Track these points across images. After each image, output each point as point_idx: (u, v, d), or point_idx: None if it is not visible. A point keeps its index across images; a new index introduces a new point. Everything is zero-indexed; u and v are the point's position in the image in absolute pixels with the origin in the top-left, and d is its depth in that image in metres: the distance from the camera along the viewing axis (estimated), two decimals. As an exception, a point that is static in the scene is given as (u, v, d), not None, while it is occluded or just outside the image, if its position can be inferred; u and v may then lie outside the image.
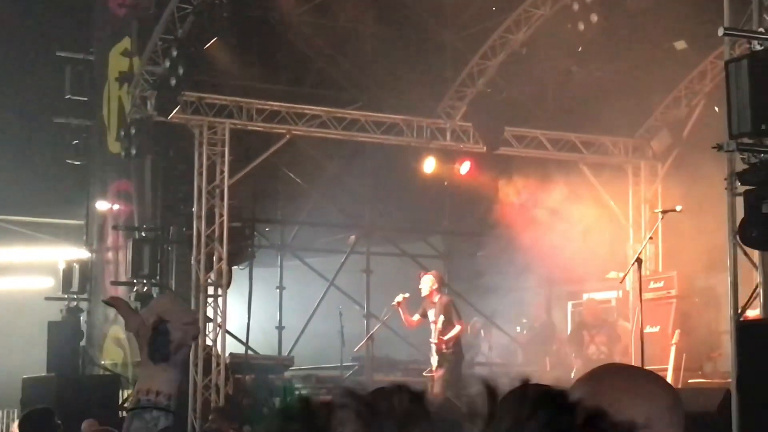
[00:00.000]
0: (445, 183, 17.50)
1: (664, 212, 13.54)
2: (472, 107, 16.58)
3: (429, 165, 16.89)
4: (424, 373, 14.64)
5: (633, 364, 12.99)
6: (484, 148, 16.59)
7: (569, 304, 19.32)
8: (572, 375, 16.89)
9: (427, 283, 14.34)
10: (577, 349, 15.93)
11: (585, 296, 18.81)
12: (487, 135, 16.51)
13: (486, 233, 18.63)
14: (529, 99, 16.83)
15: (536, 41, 15.57)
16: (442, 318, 14.18)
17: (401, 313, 14.29)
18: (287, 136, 16.17)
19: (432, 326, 14.23)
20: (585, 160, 17.52)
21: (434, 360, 14.14)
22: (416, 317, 14.32)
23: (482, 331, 19.93)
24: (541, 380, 2.12)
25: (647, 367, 12.26)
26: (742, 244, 8.86)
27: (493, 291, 17.86)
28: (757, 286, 9.28)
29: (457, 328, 14.38)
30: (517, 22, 15.51)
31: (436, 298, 14.30)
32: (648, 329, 13.45)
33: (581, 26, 14.17)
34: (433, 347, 14.17)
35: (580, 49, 14.97)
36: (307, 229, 20.20)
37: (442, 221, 20.69)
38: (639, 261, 11.86)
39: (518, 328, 19.58)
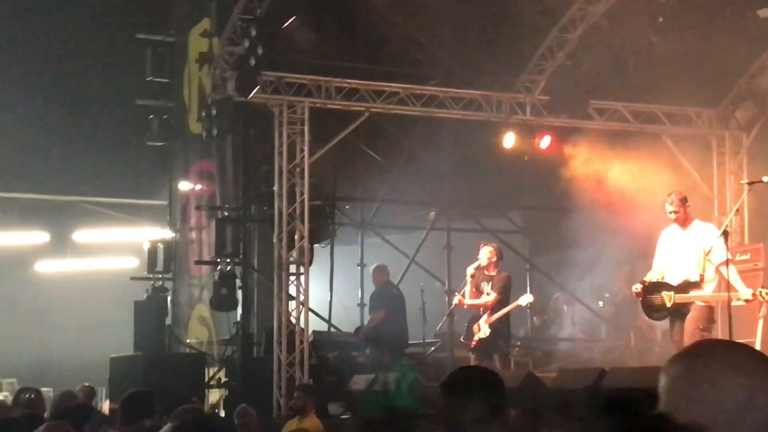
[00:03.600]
0: (525, 158, 17.38)
1: (750, 183, 13.28)
2: (552, 81, 16.43)
3: (509, 140, 16.78)
4: (462, 339, 14.57)
5: (721, 338, 12.83)
6: (566, 121, 16.44)
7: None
8: (656, 349, 16.76)
9: (486, 254, 14.28)
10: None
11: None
12: (570, 108, 16.36)
13: (567, 207, 18.46)
14: (610, 71, 16.60)
15: (616, 12, 15.36)
16: (494, 293, 14.12)
17: (469, 285, 14.27)
18: (366, 113, 16.17)
19: (484, 297, 14.20)
20: (668, 131, 17.29)
21: (485, 331, 14.08)
22: (465, 291, 14.29)
23: (565, 307, 19.83)
24: (625, 355, 2.10)
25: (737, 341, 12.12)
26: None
27: (574, 265, 17.71)
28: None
29: (514, 303, 14.30)
30: (597, -7, 15.32)
31: (493, 272, 14.23)
32: (735, 302, 13.26)
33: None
34: (484, 318, 14.13)
35: (660, 19, 14.74)
36: (387, 206, 20.21)
37: (522, 196, 20.57)
38: (726, 233, 11.66)
39: (600, 303, 19.43)
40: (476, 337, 14.20)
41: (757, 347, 11.29)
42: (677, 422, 2.03)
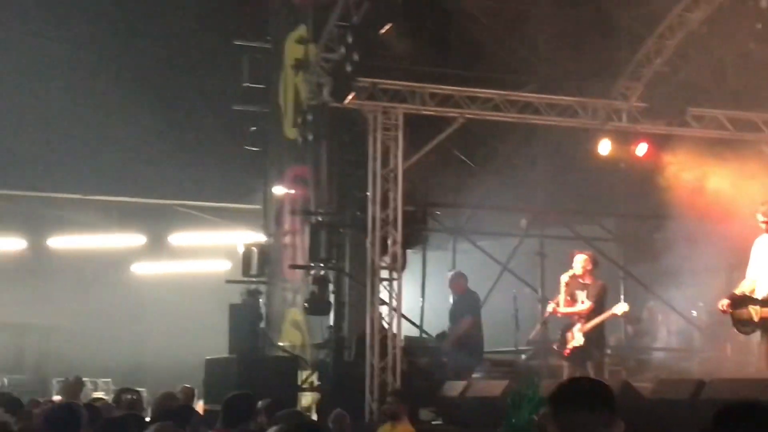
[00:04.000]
0: (621, 165, 17.22)
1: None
2: (649, 88, 16.26)
3: (604, 147, 16.64)
4: (556, 348, 14.47)
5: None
6: (663, 128, 16.27)
7: (750, 289, 18.81)
8: (753, 360, 16.45)
9: (581, 263, 14.18)
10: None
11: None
12: (667, 115, 16.19)
13: (663, 216, 18.24)
14: (708, 78, 16.40)
15: (715, 19, 15.16)
16: (590, 303, 14.02)
17: (563, 293, 14.20)
18: (460, 119, 16.16)
19: (578, 305, 14.10)
20: (766, 139, 17.00)
21: (579, 339, 13.99)
22: (559, 299, 14.21)
23: (659, 316, 19.59)
24: (722, 365, 2.08)
25: None
26: None
27: (669, 274, 17.48)
28: None
29: (609, 312, 14.20)
30: (696, 0, 15.13)
31: (588, 280, 14.14)
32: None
33: (763, 3, 13.73)
34: (578, 326, 14.03)
35: (759, 26, 14.50)
36: (480, 213, 20.16)
37: (616, 204, 20.37)
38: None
39: (694, 312, 19.16)
40: (570, 345, 14.13)
41: None
42: None
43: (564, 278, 14.29)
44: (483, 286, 19.85)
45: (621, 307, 14.41)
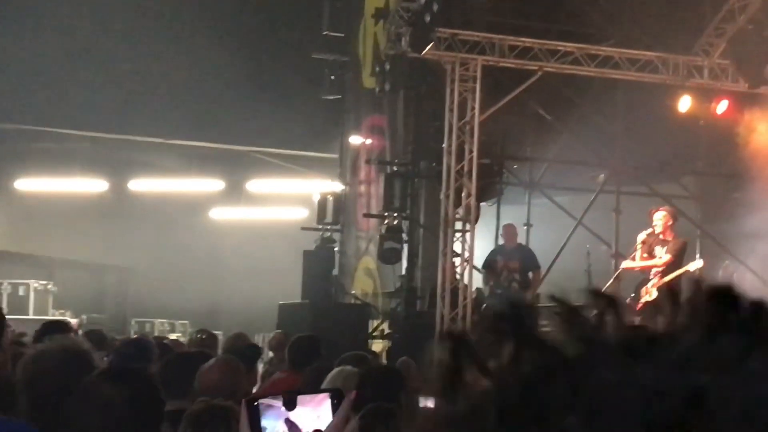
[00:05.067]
0: (701, 122, 17.02)
1: None
2: (732, 44, 16.02)
3: (684, 104, 16.46)
4: (628, 300, 14.41)
5: None
6: (745, 86, 16.03)
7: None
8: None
9: (662, 219, 14.08)
10: None
11: None
12: (748, 72, 15.94)
13: (742, 175, 18.01)
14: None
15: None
16: (669, 256, 13.94)
17: (639, 251, 14.13)
18: (539, 72, 16.08)
19: (655, 260, 14.03)
20: None
21: (653, 293, 13.94)
22: (637, 256, 14.14)
23: (735, 275, 19.39)
24: None
25: None
26: None
27: (749, 234, 17.27)
28: None
29: (684, 268, 14.12)
30: (784, -46, 14.85)
31: (669, 236, 14.05)
32: None
33: None
34: (653, 281, 13.97)
35: None
36: (556, 167, 20.06)
37: (695, 162, 20.15)
38: None
39: (771, 273, 18.94)
40: (643, 300, 14.08)
41: None
42: None
43: (641, 237, 14.22)
44: (557, 241, 19.82)
45: (695, 264, 14.33)
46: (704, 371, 0.84)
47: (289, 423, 2.73)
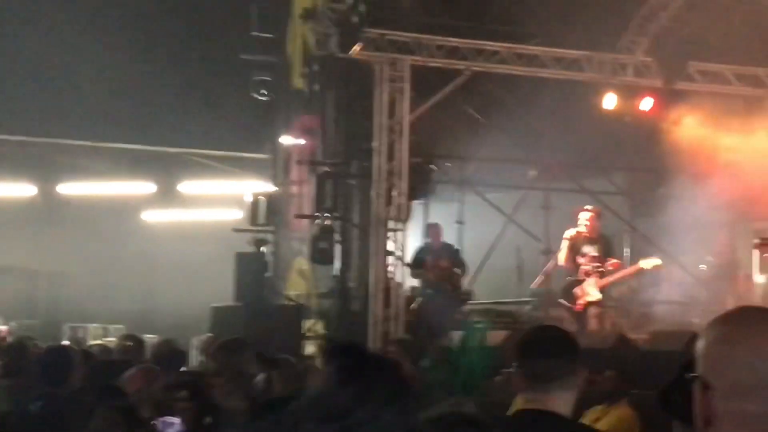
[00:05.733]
0: (627, 119, 17.29)
1: None
2: (655, 42, 16.29)
3: (610, 101, 16.71)
4: (565, 302, 14.57)
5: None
6: (668, 83, 16.33)
7: (756, 242, 18.91)
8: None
9: (588, 218, 14.29)
10: None
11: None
12: (670, 69, 16.23)
13: (668, 170, 18.33)
14: (714, 33, 16.40)
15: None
16: (603, 255, 14.15)
17: (566, 248, 14.30)
18: (467, 72, 16.22)
19: (587, 260, 14.20)
20: (772, 94, 17.06)
21: (595, 294, 14.10)
22: (564, 252, 14.33)
23: (663, 269, 19.69)
24: None
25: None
26: None
27: (674, 228, 17.57)
28: None
29: (637, 266, 14.40)
30: (703, -47, 15.14)
31: (594, 234, 14.26)
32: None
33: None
34: (593, 281, 14.12)
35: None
36: (487, 165, 20.24)
37: (622, 158, 20.44)
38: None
39: (702, 266, 19.27)
40: (583, 300, 14.21)
41: None
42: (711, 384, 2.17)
43: (567, 234, 14.41)
44: (488, 238, 20.01)
45: (651, 261, 14.51)
46: (316, 422, 0.94)
47: None
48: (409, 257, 16.52)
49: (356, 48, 15.69)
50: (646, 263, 14.48)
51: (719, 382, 2.18)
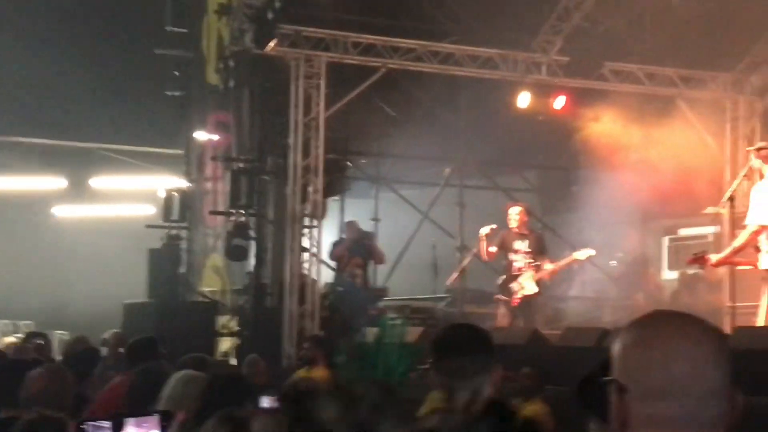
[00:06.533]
0: (540, 118, 17.45)
1: (757, 150, 13.34)
2: (568, 41, 16.47)
3: (523, 99, 16.85)
4: (502, 296, 14.65)
5: (728, 302, 12.92)
6: (581, 82, 16.50)
7: (665, 239, 19.26)
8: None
9: (518, 214, 14.42)
10: None
11: (682, 231, 18.74)
12: (580, 69, 16.41)
13: (580, 168, 18.58)
14: (627, 33, 16.63)
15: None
16: (535, 250, 14.29)
17: (483, 244, 14.40)
18: (383, 69, 16.25)
19: (520, 256, 14.33)
20: (682, 95, 17.32)
21: (532, 288, 14.25)
22: (493, 249, 14.43)
23: (576, 266, 19.95)
24: (633, 314, 2.29)
25: (738, 305, 12.23)
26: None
27: (586, 225, 17.85)
28: None
29: (571, 257, 14.60)
30: (616, -46, 15.33)
31: (525, 231, 14.40)
32: (741, 267, 13.38)
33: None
34: (530, 275, 14.26)
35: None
36: (402, 162, 20.34)
37: (536, 155, 20.68)
38: (732, 198, 11.76)
39: (613, 263, 19.57)
40: (520, 294, 14.32)
41: (762, 311, 11.42)
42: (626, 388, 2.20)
43: (484, 231, 14.48)
44: (404, 235, 20.11)
45: (586, 252, 14.66)
46: None
47: None
48: (324, 253, 16.51)
49: (271, 44, 15.62)
50: (580, 254, 14.64)
51: (634, 385, 2.22)
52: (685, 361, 2.19)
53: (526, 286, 14.31)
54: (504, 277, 14.57)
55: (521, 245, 14.36)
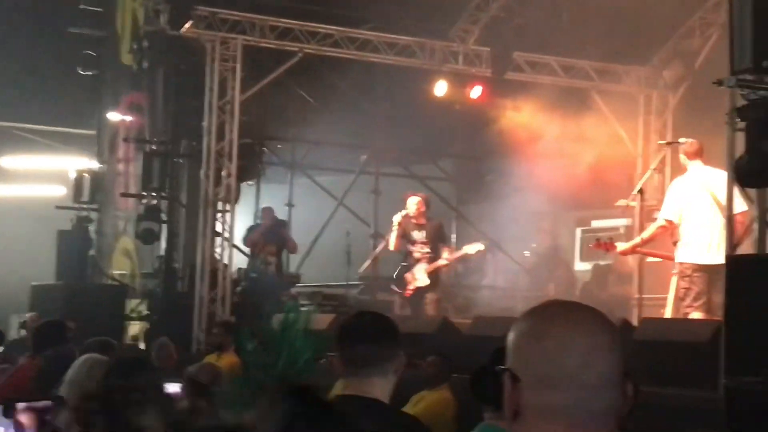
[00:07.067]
0: (457, 107, 17.54)
1: (668, 144, 13.59)
2: (485, 31, 16.57)
3: (440, 88, 16.91)
4: (396, 288, 14.69)
5: (636, 294, 13.12)
6: (491, 73, 16.63)
7: (578, 231, 19.49)
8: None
9: (415, 204, 14.45)
10: None
11: (594, 223, 18.97)
12: (496, 60, 16.52)
13: (495, 158, 18.71)
14: (543, 24, 16.76)
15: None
16: (431, 240, 14.34)
17: (394, 232, 14.44)
18: (299, 54, 16.19)
19: (418, 246, 14.38)
20: (597, 87, 17.52)
21: (424, 279, 14.29)
22: (393, 236, 14.48)
23: (488, 255, 20.12)
24: None
25: (647, 296, 12.44)
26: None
27: (500, 215, 17.99)
28: (752, 221, 9.39)
29: (462, 251, 14.66)
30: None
31: (422, 221, 14.44)
32: (650, 258, 13.61)
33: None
34: (423, 267, 14.30)
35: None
36: (318, 148, 20.31)
37: (452, 144, 20.79)
38: (642, 191, 11.95)
39: (527, 253, 19.76)
40: (413, 286, 14.36)
41: (669, 304, 11.64)
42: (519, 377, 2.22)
43: (396, 218, 14.53)
44: (318, 222, 20.10)
45: (475, 246, 14.76)
46: None
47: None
48: (238, 239, 16.45)
49: (187, 25, 15.48)
50: (470, 248, 14.74)
51: (527, 374, 2.23)
52: (576, 352, 2.21)
53: (418, 278, 14.36)
54: (401, 266, 14.64)
55: (418, 235, 14.42)
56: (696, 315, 10.85)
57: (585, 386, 2.20)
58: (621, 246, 11.86)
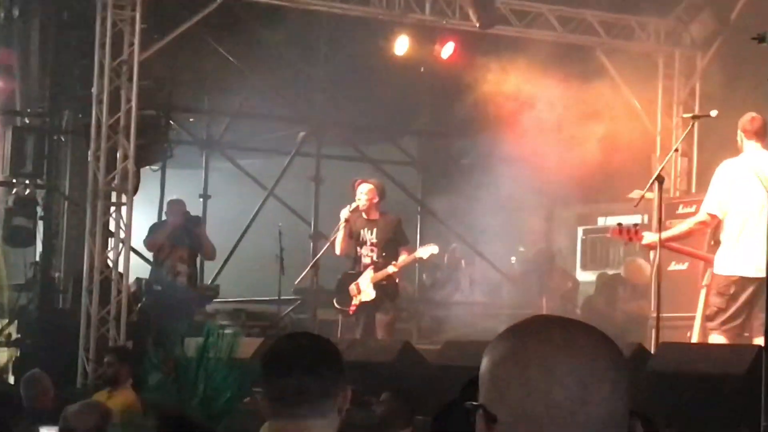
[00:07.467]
0: (422, 69, 17.59)
1: (695, 118, 13.64)
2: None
3: (401, 45, 16.95)
4: (336, 304, 14.68)
5: (653, 312, 13.20)
6: (476, 25, 16.65)
7: (579, 231, 19.61)
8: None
9: (367, 194, 14.40)
10: None
11: (600, 220, 19.08)
12: (479, 8, 16.55)
13: (471, 136, 18.77)
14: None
15: None
16: (383, 241, 14.33)
17: (341, 232, 14.43)
18: (217, 0, 16.16)
19: (366, 249, 14.37)
20: (603, 45, 17.62)
21: (369, 292, 14.27)
22: (340, 236, 14.46)
23: (463, 262, 20.19)
24: None
25: (667, 315, 12.50)
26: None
27: (478, 210, 18.05)
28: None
29: (412, 256, 14.62)
30: None
31: (374, 216, 14.40)
32: (673, 266, 13.68)
33: None
34: (369, 276, 14.28)
35: None
36: (242, 123, 20.30)
37: (416, 119, 20.83)
38: (660, 179, 11.99)
39: (512, 259, 19.85)
40: (356, 301, 14.35)
41: (697, 323, 11.71)
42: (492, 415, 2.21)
43: (344, 213, 14.51)
44: (242, 217, 20.08)
45: (428, 250, 14.74)
46: None
47: None
48: (137, 240, 16.43)
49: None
50: (423, 251, 14.74)
51: (506, 413, 2.22)
52: (570, 382, 2.20)
53: (363, 290, 14.33)
54: (344, 274, 14.62)
55: (368, 235, 14.39)
56: (719, 339, 10.90)
57: (581, 426, 2.19)
58: (649, 236, 11.79)
